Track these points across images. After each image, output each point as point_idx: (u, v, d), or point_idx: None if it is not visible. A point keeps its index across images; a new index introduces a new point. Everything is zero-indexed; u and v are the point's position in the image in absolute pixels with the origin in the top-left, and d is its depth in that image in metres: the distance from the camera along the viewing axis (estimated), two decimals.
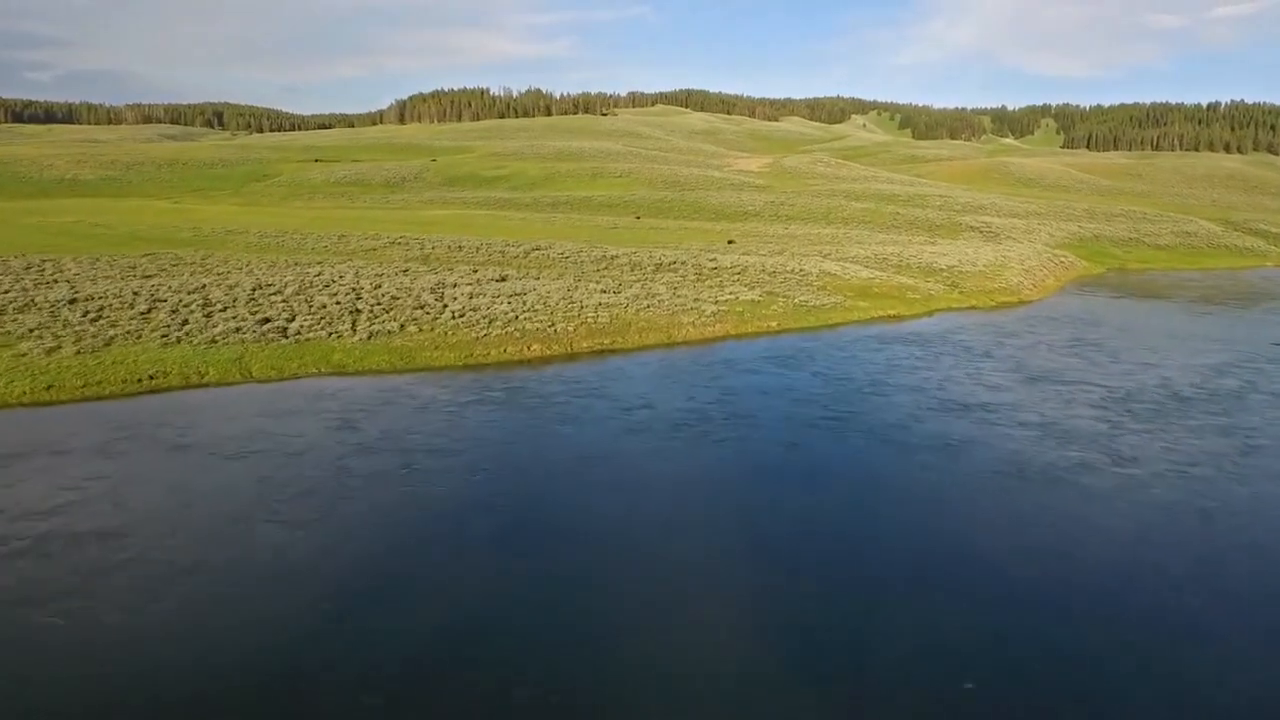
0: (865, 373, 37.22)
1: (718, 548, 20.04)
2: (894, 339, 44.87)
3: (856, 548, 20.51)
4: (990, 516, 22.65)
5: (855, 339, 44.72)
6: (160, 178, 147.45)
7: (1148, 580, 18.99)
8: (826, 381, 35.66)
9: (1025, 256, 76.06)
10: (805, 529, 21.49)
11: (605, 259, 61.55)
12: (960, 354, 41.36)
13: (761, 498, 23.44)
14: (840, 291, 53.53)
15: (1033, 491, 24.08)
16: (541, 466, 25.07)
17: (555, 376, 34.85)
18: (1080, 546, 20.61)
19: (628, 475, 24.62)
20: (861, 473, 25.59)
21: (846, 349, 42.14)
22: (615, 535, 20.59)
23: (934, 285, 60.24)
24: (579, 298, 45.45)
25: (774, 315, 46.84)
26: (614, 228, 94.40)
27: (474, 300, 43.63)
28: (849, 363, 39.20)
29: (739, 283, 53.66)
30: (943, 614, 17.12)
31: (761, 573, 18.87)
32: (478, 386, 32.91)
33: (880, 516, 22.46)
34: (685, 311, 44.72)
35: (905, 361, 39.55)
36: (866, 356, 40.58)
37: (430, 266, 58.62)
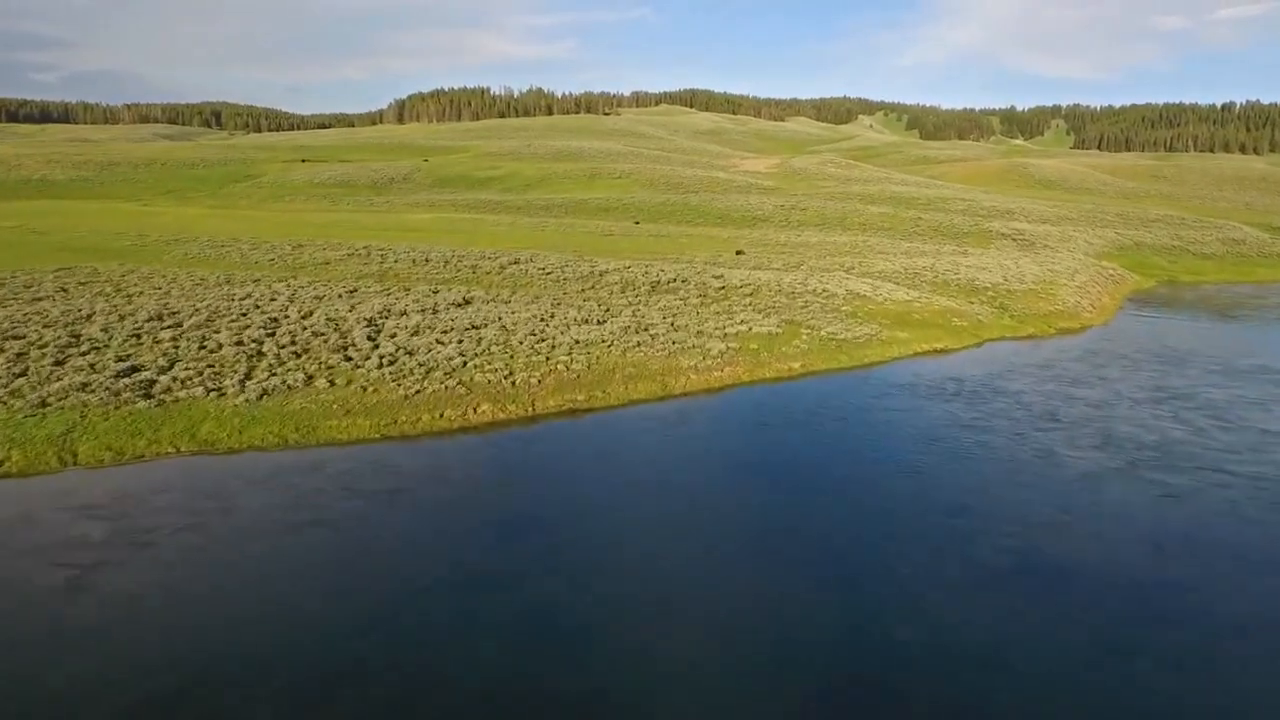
0: (917, 448, 27.28)
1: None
2: (943, 387, 34.81)
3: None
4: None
5: (897, 386, 34.71)
6: (136, 178, 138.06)
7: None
8: (873, 468, 25.72)
9: (1074, 270, 65.97)
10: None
11: (593, 275, 51.68)
12: (1026, 417, 31.25)
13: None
14: (874, 319, 43.60)
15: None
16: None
17: (497, 458, 24.98)
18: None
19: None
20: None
21: (888, 403, 32.12)
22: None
23: (981, 308, 50.22)
24: (551, 333, 35.56)
25: (796, 353, 36.91)
26: (609, 234, 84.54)
27: (415, 339, 33.75)
28: (895, 431, 29.21)
29: (751, 307, 43.78)
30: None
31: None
32: (382, 478, 23.04)
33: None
34: (686, 351, 34.80)
35: (959, 437, 29.53)
36: (915, 416, 30.59)
37: (384, 285, 48.86)
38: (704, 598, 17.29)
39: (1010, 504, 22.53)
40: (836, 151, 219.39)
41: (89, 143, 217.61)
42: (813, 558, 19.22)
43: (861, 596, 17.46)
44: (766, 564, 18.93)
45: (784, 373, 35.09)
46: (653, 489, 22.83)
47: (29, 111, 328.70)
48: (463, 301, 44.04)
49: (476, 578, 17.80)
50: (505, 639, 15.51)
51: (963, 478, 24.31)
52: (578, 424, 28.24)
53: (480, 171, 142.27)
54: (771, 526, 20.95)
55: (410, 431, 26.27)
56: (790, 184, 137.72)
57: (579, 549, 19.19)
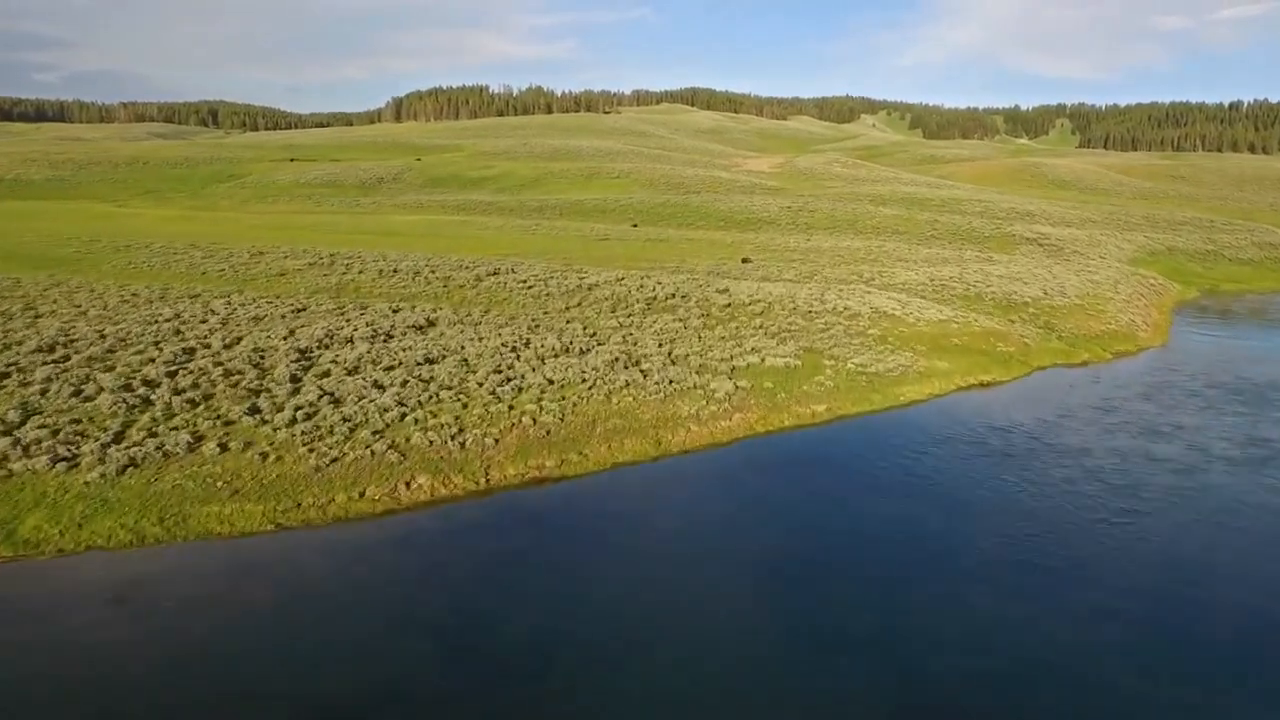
0: (970, 560, 20.44)
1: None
2: (993, 443, 27.99)
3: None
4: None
5: (939, 439, 27.80)
6: (115, 178, 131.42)
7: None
8: (928, 574, 18.93)
9: (1115, 281, 59.05)
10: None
11: (580, 290, 44.86)
12: (1101, 496, 24.38)
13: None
14: (907, 344, 36.78)
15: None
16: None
17: (418, 570, 18.12)
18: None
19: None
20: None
21: (930, 468, 25.30)
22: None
23: (1024, 328, 43.35)
24: (521, 369, 28.76)
25: (820, 392, 30.07)
26: (604, 238, 77.71)
27: (350, 379, 26.95)
28: (944, 526, 22.42)
29: (763, 330, 36.97)
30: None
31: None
32: (242, 606, 16.23)
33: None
34: (685, 394, 27.98)
35: (1019, 536, 22.70)
36: (964, 493, 23.80)
37: (339, 302, 42.11)
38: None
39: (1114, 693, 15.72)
40: (841, 151, 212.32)
41: (77, 141, 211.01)
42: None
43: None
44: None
45: (806, 418, 28.27)
46: (635, 631, 16.00)
47: (23, 110, 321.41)
48: (424, 324, 37.27)
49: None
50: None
51: (1036, 629, 17.32)
52: (543, 501, 21.44)
53: (473, 171, 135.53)
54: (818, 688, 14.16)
55: (316, 519, 19.47)
56: (796, 184, 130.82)
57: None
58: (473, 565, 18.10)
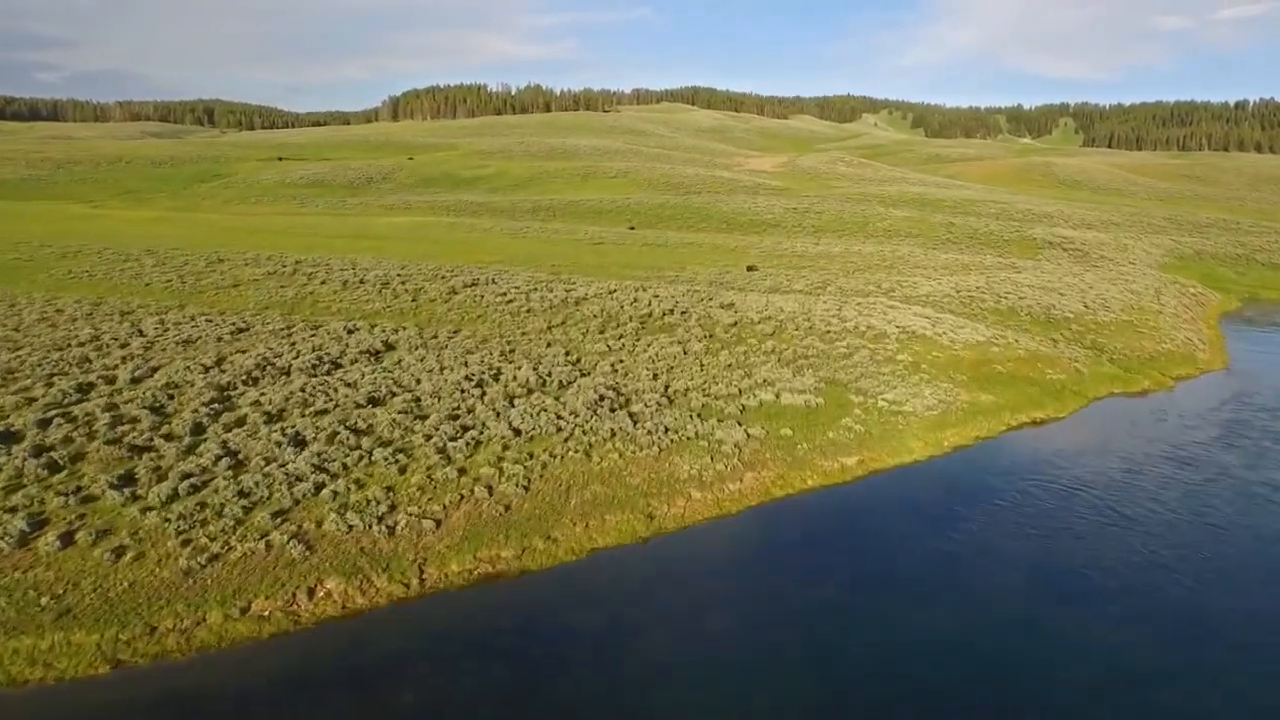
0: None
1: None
2: (1054, 512, 22.50)
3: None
4: None
5: (997, 500, 22.27)
6: (96, 178, 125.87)
7: None
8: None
9: (1156, 290, 53.50)
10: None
11: (566, 305, 39.34)
12: (1209, 583, 18.97)
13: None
14: (944, 372, 31.26)
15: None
16: None
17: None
18: None
19: None
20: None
21: (991, 541, 19.73)
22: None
23: (1072, 349, 37.79)
24: (482, 414, 23.22)
25: (849, 440, 24.52)
26: (599, 242, 72.17)
27: (262, 434, 21.37)
28: (1020, 618, 16.88)
29: (775, 356, 31.45)
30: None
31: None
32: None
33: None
34: (684, 446, 22.43)
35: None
36: (1033, 588, 18.22)
37: (289, 320, 36.59)
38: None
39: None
40: (845, 150, 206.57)
41: (63, 140, 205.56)
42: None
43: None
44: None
45: (833, 475, 22.73)
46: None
47: (17, 109, 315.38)
48: (381, 348, 31.75)
49: None
50: None
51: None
52: (494, 611, 15.92)
53: (466, 170, 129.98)
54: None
55: (176, 650, 13.94)
56: (800, 184, 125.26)
57: None
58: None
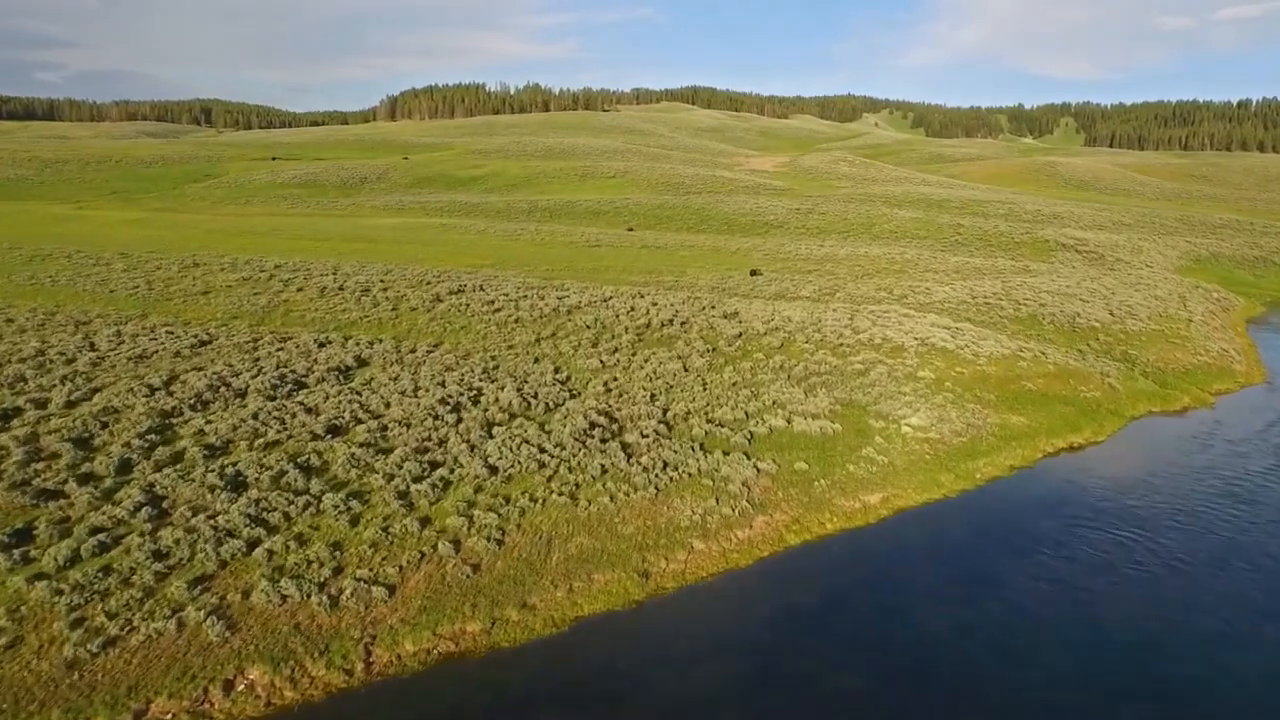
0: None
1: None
2: (1107, 540, 19.58)
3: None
4: None
5: (1038, 544, 19.41)
6: (84, 178, 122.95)
7: None
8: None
9: (1181, 296, 50.58)
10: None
11: (558, 314, 36.42)
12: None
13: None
14: (970, 390, 28.38)
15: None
16: None
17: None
18: None
19: None
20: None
21: (1035, 598, 16.88)
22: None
23: (1102, 363, 34.85)
24: (455, 447, 20.29)
25: (871, 475, 21.62)
26: (596, 245, 69.24)
27: (196, 474, 18.39)
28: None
29: (785, 374, 28.56)
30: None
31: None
32: None
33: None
34: (685, 487, 19.51)
35: None
36: (1085, 672, 15.41)
37: (256, 332, 33.65)
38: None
39: None
40: (846, 149, 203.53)
41: (57, 140, 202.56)
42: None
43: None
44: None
45: (855, 516, 19.83)
46: None
47: (13, 109, 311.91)
48: (352, 364, 28.85)
49: None
50: None
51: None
52: (455, 706, 13.03)
53: (462, 170, 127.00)
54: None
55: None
56: (802, 184, 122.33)
57: None
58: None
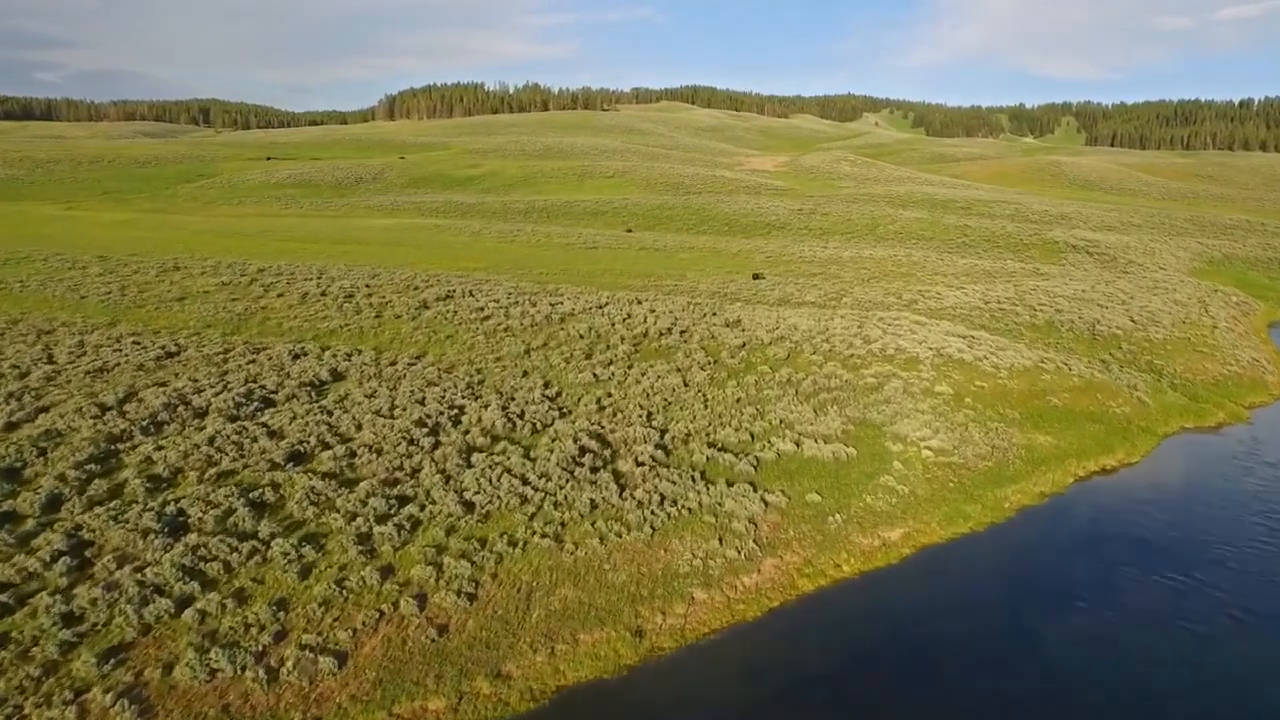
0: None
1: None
2: (1165, 600, 17.46)
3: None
4: None
5: (1077, 590, 17.39)
6: (75, 178, 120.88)
7: None
8: None
9: (1201, 301, 48.44)
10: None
11: (550, 322, 34.30)
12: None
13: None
14: (991, 408, 26.28)
15: None
16: None
17: None
18: None
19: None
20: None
21: (1080, 664, 14.86)
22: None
23: (1128, 375, 32.71)
24: (428, 478, 18.12)
25: (890, 507, 19.48)
26: (593, 246, 67.12)
27: (130, 515, 16.19)
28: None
29: (792, 389, 26.45)
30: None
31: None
32: None
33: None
34: (685, 526, 17.34)
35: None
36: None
37: (228, 342, 31.50)
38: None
39: None
40: (847, 148, 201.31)
41: (52, 140, 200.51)
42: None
43: None
44: None
45: (874, 556, 17.71)
46: None
47: (10, 109, 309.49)
48: (327, 379, 26.75)
49: None
50: None
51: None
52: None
53: (459, 170, 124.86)
54: None
55: None
56: (804, 184, 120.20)
57: None
58: None
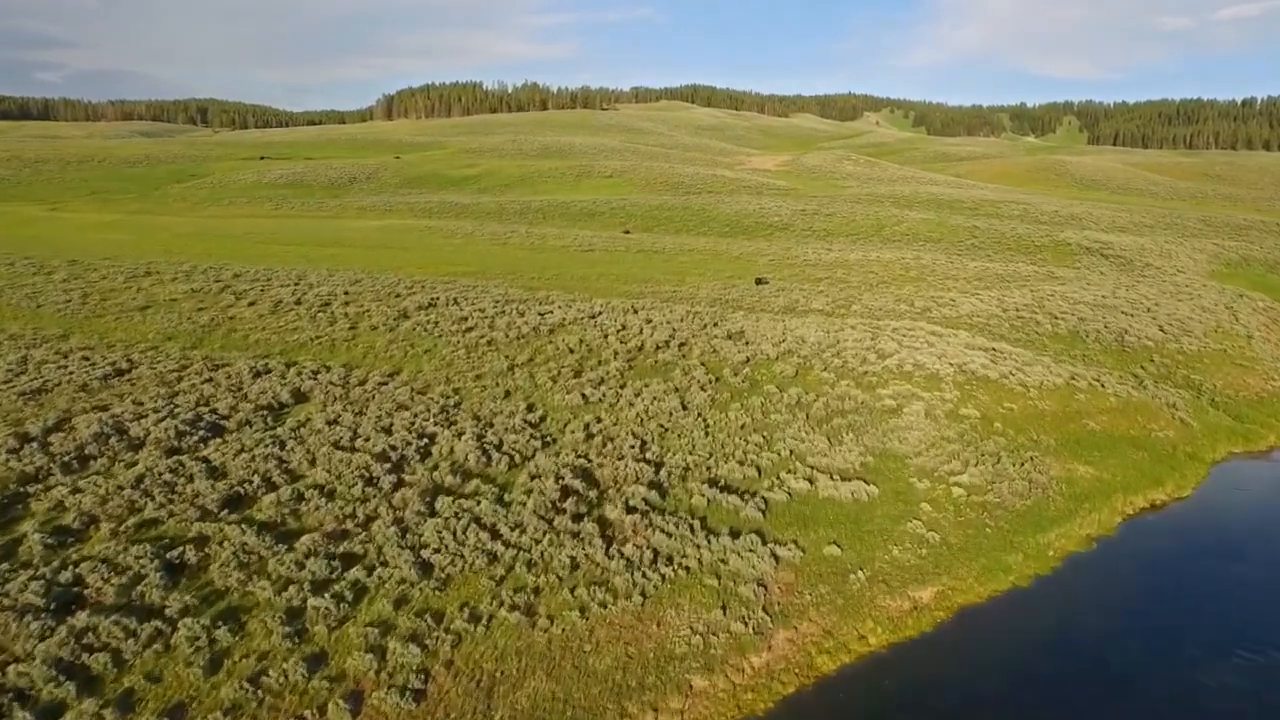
0: None
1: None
2: (1251, 679, 14.77)
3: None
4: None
5: (1166, 689, 14.71)
6: (63, 178, 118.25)
7: None
8: None
9: (1230, 307, 45.69)
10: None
11: (538, 334, 31.63)
12: None
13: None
14: (1023, 433, 23.57)
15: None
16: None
17: None
18: None
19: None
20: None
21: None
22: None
23: (1165, 390, 30.02)
24: (382, 530, 15.36)
25: (920, 560, 16.77)
26: (589, 249, 64.39)
27: (4, 592, 13.69)
28: None
29: (803, 412, 23.76)
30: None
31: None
32: None
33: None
34: (679, 590, 14.59)
35: None
36: None
37: (184, 359, 28.78)
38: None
39: None
40: (849, 148, 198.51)
41: (46, 140, 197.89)
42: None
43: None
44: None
45: (904, 624, 15.00)
46: None
47: (7, 109, 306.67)
48: (288, 401, 24.06)
49: None
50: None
51: None
52: None
53: (454, 170, 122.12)
54: None
55: None
56: (806, 184, 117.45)
57: None
58: None
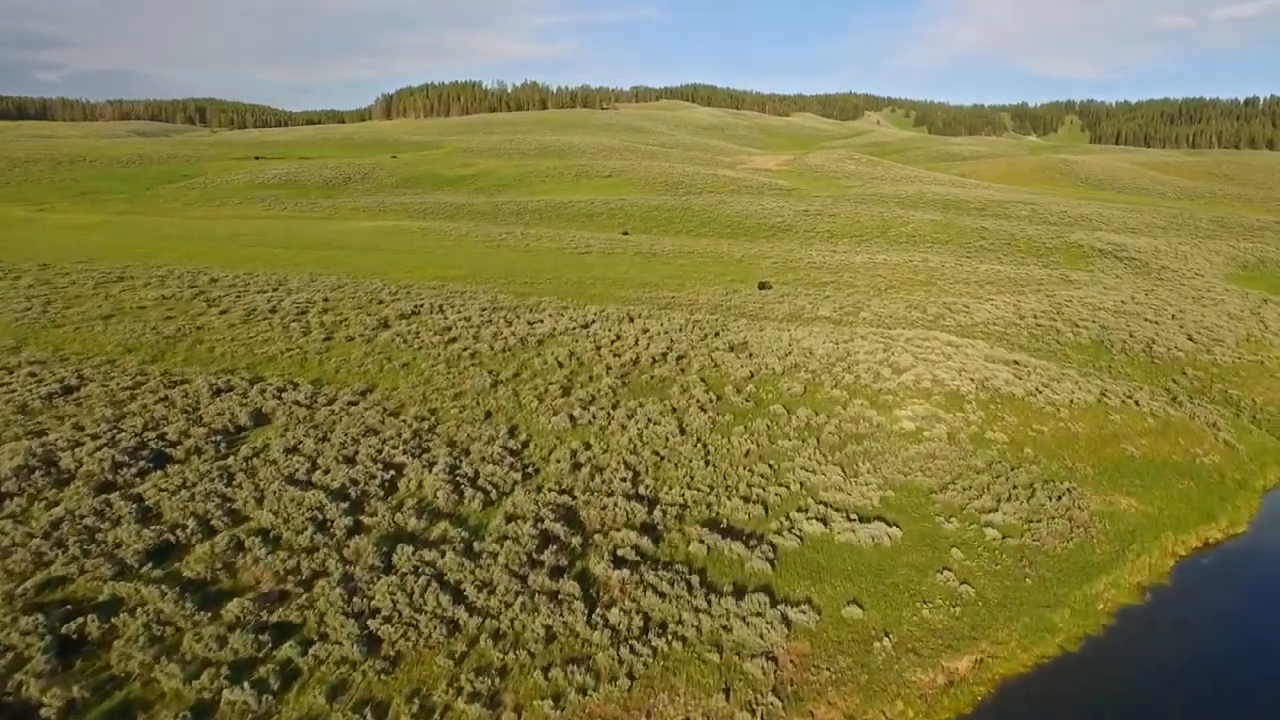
0: None
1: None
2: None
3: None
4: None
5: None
6: (53, 178, 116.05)
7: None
8: None
9: (1257, 313, 43.34)
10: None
11: (526, 345, 29.34)
12: None
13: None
14: (1055, 458, 21.27)
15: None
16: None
17: None
18: None
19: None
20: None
21: None
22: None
23: (1202, 406, 27.68)
24: (325, 596, 13.10)
25: (953, 620, 14.46)
26: (586, 251, 62.07)
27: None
28: None
29: (814, 437, 21.47)
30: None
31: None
32: None
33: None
34: (674, 668, 12.27)
35: None
36: None
37: (141, 374, 26.42)
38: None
39: None
40: (851, 147, 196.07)
41: (42, 139, 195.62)
42: None
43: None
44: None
45: (939, 704, 12.68)
46: None
47: (5, 108, 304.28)
48: (246, 424, 21.79)
49: None
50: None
51: None
52: None
53: (451, 170, 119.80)
54: None
55: None
56: (808, 184, 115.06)
57: None
58: None
